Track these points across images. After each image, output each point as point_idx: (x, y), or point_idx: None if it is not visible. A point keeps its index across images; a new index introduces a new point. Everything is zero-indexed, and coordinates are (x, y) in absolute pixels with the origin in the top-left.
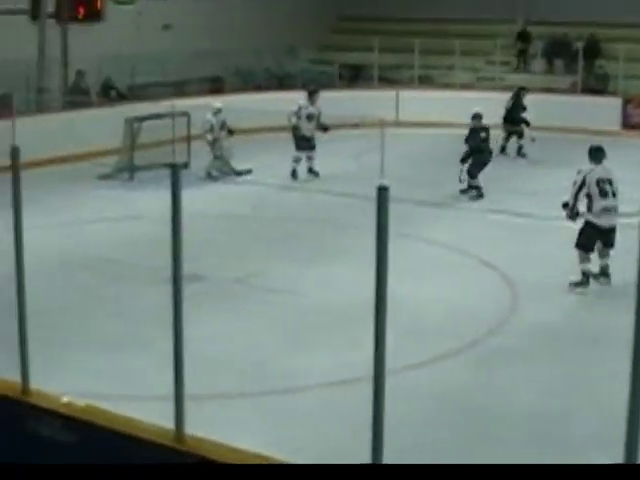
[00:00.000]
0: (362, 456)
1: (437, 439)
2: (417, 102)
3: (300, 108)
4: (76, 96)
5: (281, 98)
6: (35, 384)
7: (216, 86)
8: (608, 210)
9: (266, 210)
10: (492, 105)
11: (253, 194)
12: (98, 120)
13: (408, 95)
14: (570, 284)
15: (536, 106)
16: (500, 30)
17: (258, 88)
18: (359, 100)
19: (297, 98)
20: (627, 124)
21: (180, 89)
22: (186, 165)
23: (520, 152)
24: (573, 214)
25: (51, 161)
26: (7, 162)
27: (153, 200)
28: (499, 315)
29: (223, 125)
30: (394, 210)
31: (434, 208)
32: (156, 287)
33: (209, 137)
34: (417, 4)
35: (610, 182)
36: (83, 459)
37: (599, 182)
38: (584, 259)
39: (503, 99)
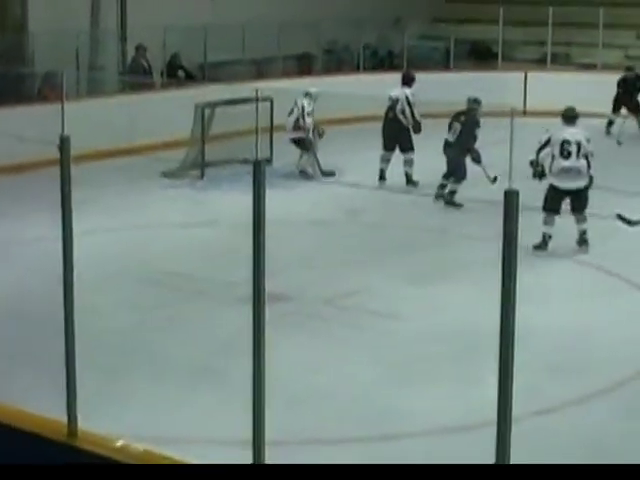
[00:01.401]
0: None
1: None
2: (550, 86)
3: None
4: (136, 76)
5: (384, 81)
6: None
7: (305, 65)
8: (566, 171)
9: (364, 216)
10: None
11: (349, 196)
12: (162, 105)
13: (539, 77)
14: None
15: None
16: None
17: (356, 68)
18: (478, 83)
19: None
20: None
21: (261, 69)
22: (268, 161)
23: None
24: (537, 172)
25: (106, 154)
26: (55, 154)
27: (228, 202)
28: None
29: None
30: (525, 219)
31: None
32: (233, 307)
33: (308, 124)
34: None
35: (578, 145)
36: None
37: (564, 143)
38: (546, 221)
39: None
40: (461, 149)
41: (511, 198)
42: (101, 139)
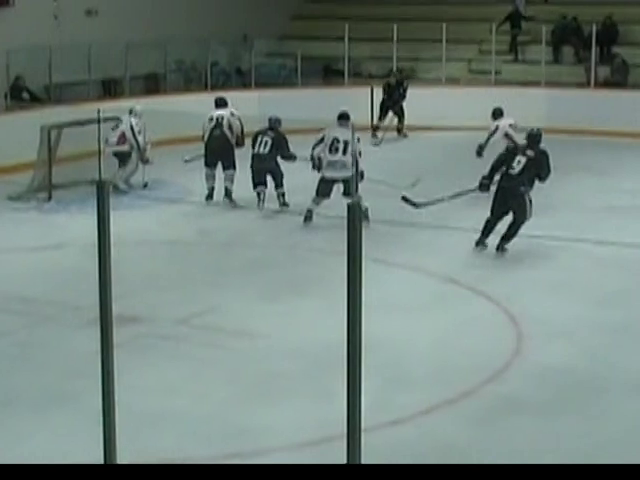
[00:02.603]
0: None
1: None
2: None
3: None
4: None
5: (236, 98)
6: None
7: (153, 85)
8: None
9: (215, 235)
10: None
11: (199, 215)
12: (6, 128)
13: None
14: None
15: (539, 103)
16: (497, 12)
17: (204, 87)
18: (325, 99)
19: (251, 98)
20: None
21: (108, 89)
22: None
23: None
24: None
25: None
26: None
27: (77, 225)
28: (500, 358)
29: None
30: (371, 232)
31: (419, 229)
32: (83, 331)
33: (140, 141)
34: None
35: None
36: None
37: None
38: (316, 202)
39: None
40: (275, 159)
41: (354, 211)
42: None
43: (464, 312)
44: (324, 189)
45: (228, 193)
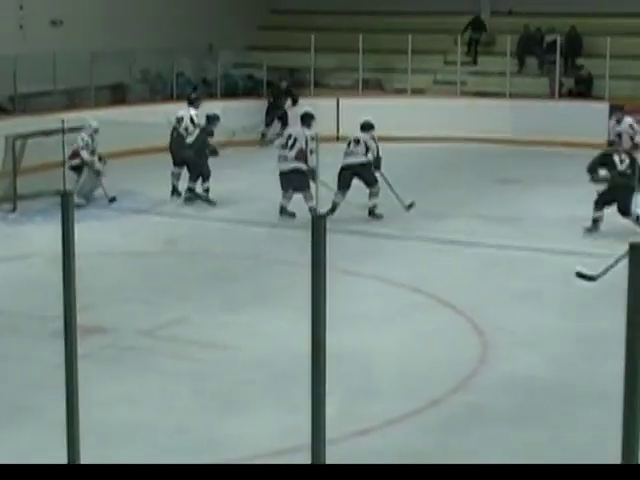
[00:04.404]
0: None
1: None
2: (362, 112)
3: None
4: None
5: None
6: None
7: (118, 95)
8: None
9: (180, 245)
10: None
11: (165, 226)
12: None
13: (351, 103)
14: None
15: (503, 114)
16: (462, 24)
17: (170, 97)
18: (292, 109)
19: (216, 108)
20: None
21: (73, 99)
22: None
23: None
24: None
25: None
26: None
27: (42, 236)
28: (465, 368)
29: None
30: (336, 242)
31: (384, 239)
32: (47, 342)
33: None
34: None
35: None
36: None
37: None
38: (283, 196)
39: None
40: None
41: (319, 223)
42: None
43: (430, 322)
44: (281, 182)
45: (202, 197)
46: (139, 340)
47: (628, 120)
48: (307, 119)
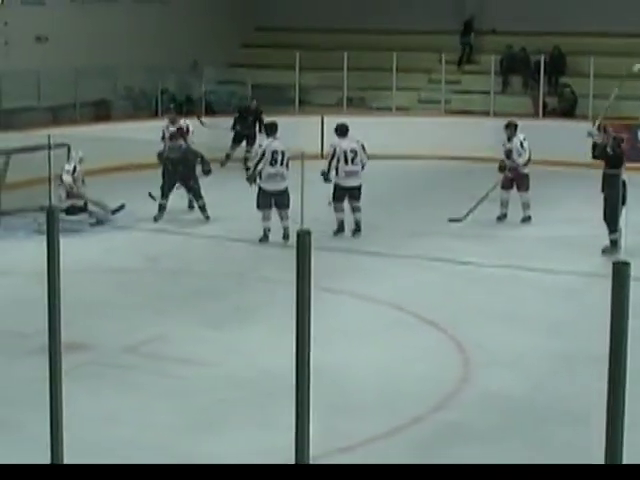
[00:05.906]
0: None
1: None
2: None
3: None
4: None
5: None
6: None
7: (102, 112)
8: (274, 176)
9: (162, 262)
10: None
11: (148, 242)
12: None
13: (335, 121)
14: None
15: (487, 133)
16: (447, 42)
17: (154, 114)
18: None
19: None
20: None
21: (57, 116)
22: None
23: None
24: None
25: None
26: None
27: (24, 252)
28: (446, 385)
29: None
30: (317, 260)
31: (365, 256)
32: (28, 358)
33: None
34: (345, 12)
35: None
36: None
37: (273, 153)
38: (263, 218)
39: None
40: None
41: (304, 239)
42: None
43: (411, 340)
44: (271, 201)
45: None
46: (120, 357)
47: (520, 137)
48: (274, 129)
